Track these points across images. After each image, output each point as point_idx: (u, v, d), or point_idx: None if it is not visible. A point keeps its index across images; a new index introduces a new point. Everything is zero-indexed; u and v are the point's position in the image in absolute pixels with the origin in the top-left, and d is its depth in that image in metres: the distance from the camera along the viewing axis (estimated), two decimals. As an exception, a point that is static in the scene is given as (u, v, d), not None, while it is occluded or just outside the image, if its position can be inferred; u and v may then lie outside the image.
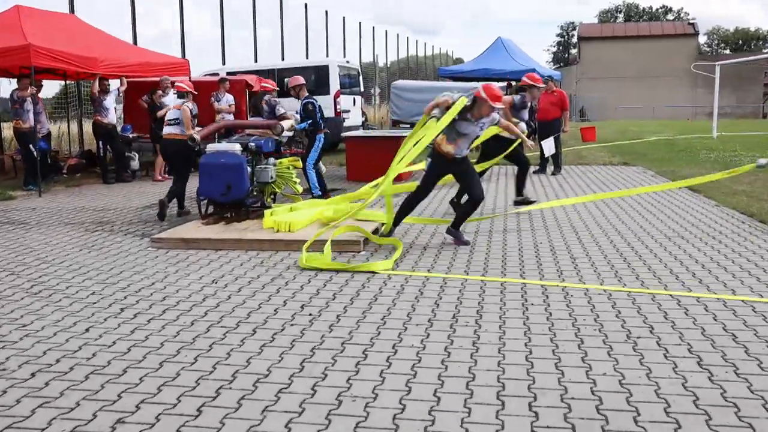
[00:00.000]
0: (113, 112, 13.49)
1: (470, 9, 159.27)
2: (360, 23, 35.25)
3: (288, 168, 8.90)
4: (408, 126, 21.21)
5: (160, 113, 13.87)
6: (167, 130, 9.20)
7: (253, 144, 8.43)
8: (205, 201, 8.45)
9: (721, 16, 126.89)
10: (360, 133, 13.42)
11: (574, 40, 77.62)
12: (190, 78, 15.60)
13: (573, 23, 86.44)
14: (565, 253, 6.70)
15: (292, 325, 4.64)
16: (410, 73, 43.97)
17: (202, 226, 7.89)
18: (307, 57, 25.70)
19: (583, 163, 16.24)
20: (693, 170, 13.84)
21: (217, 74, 16.89)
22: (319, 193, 10.10)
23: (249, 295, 5.40)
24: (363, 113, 19.79)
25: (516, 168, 10.20)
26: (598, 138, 22.41)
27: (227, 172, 8.16)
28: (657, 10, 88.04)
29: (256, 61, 23.22)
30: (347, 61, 19.01)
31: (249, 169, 8.38)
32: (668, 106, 52.51)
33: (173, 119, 9.12)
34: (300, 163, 9.11)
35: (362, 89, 19.71)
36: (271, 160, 8.87)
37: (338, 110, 17.80)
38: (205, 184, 8.28)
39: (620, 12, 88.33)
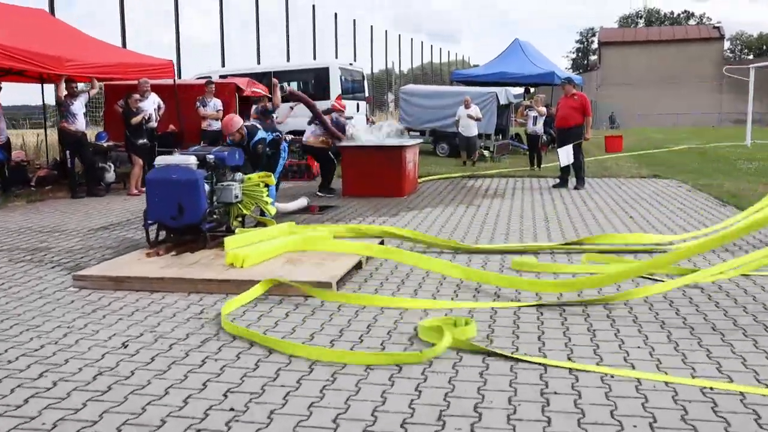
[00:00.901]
0: (82, 118, 12.07)
1: (489, 16, 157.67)
2: (372, 26, 33.86)
3: (258, 185, 7.40)
4: (418, 134, 19.79)
5: (134, 120, 12.48)
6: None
7: (212, 156, 6.94)
8: (155, 226, 6.97)
9: (745, 22, 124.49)
10: (357, 142, 11.88)
11: (594, 46, 75.80)
12: (175, 81, 14.24)
13: (593, 29, 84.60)
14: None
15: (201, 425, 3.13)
16: (426, 80, 42.54)
17: (144, 258, 6.40)
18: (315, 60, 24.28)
19: (608, 176, 14.63)
20: (737, 184, 12.19)
21: (210, 77, 15.45)
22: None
23: (160, 370, 3.88)
24: (369, 120, 18.29)
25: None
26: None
27: (179, 191, 6.68)
28: (679, 15, 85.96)
29: (258, 63, 21.85)
30: (350, 64, 17.54)
31: (207, 186, 6.89)
32: (693, 113, 50.62)
33: None
34: (272, 179, 7.60)
35: (367, 94, 18.22)
36: (238, 175, 7.38)
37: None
38: (152, 206, 6.81)
39: (641, 17, 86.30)
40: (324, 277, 5.52)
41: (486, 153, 18.63)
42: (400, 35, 38.51)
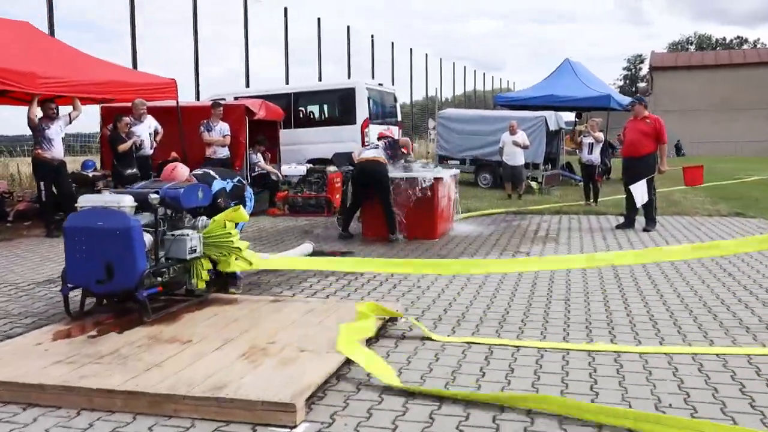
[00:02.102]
0: (60, 144, 10.35)
1: (533, 45, 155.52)
2: (411, 49, 32.09)
3: (223, 226, 5.45)
4: (457, 162, 17.74)
5: (121, 147, 10.73)
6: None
7: (156, 196, 5.00)
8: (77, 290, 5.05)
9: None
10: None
11: (642, 72, 73.00)
12: (177, 102, 12.49)
13: (641, 56, 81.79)
14: None
15: None
16: (469, 107, 40.59)
17: (47, 341, 4.46)
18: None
19: (680, 213, 12.38)
20: None
21: (224, 100, 13.66)
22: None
23: None
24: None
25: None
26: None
27: (106, 244, 4.76)
28: (731, 41, 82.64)
29: (287, 83, 20.14)
30: (380, 84, 15.60)
31: (149, 237, 4.96)
32: (753, 141, 47.58)
33: None
34: (242, 215, 5.55)
35: (399, 118, 16.25)
36: (201, 220, 5.46)
37: (366, 143, 14.31)
38: (72, 264, 4.90)
39: (691, 44, 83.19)
40: (286, 392, 3.48)
41: (533, 184, 16.48)
42: (441, 59, 36.68)
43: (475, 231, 10.17)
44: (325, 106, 15.47)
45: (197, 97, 16.66)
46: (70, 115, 10.59)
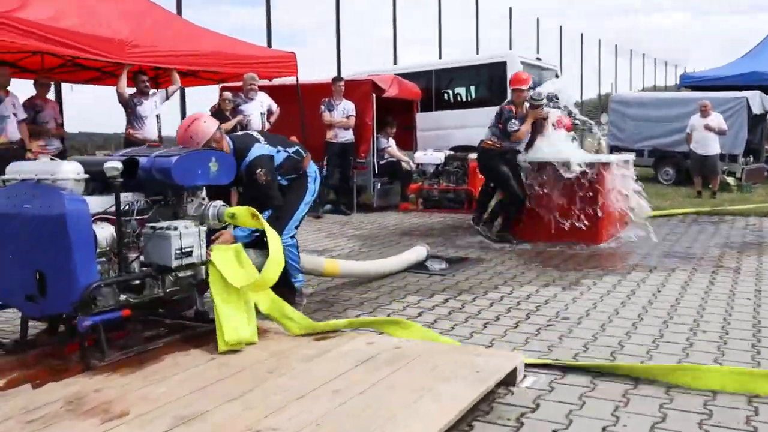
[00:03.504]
0: (154, 123, 8.98)
1: (722, 37, 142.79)
2: (582, 35, 28.97)
3: (252, 217, 3.51)
4: (633, 153, 14.80)
5: (223, 126, 9.16)
6: None
7: (113, 165, 3.10)
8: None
9: None
10: (528, 156, 7.55)
11: None
12: (297, 79, 10.84)
13: None
14: None
15: None
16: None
17: None
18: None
19: None
20: None
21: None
22: (301, 279, 4.49)
23: None
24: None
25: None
26: None
27: (35, 240, 2.96)
28: None
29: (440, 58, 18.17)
30: (537, 58, 13.12)
31: (105, 231, 3.10)
32: None
33: None
34: (257, 221, 3.52)
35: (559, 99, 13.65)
36: (213, 206, 3.54)
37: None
38: (-2, 271, 3.15)
39: None
40: None
41: (730, 180, 13.28)
42: (616, 46, 33.02)
43: (655, 235, 7.55)
44: (472, 85, 13.22)
45: (339, 75, 15.15)
46: (167, 90, 9.21)
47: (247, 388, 2.73)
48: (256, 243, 3.93)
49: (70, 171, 2.98)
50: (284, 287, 4.26)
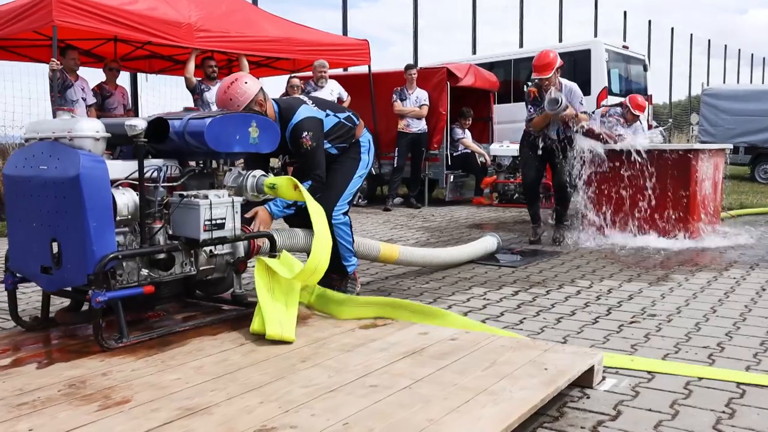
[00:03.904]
0: (221, 109, 8.78)
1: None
2: (672, 29, 27.56)
3: (294, 188, 3.15)
4: (731, 150, 13.74)
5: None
6: None
7: (137, 124, 2.79)
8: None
9: None
10: (610, 145, 6.97)
11: None
12: (370, 68, 10.52)
13: None
14: None
15: None
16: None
17: None
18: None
19: None
20: None
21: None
22: (354, 262, 4.06)
23: None
24: (650, 128, 12.90)
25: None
26: None
27: (50, 206, 2.67)
28: None
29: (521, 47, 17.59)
30: (624, 47, 12.33)
31: (128, 196, 2.78)
32: None
33: None
34: (300, 193, 3.12)
35: (648, 91, 12.81)
36: (252, 176, 3.20)
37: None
38: (14, 240, 2.89)
39: None
40: None
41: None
42: (709, 41, 31.28)
43: (752, 233, 6.81)
44: (552, 74, 12.54)
45: (415, 57, 14.86)
46: (235, 76, 9.00)
47: (272, 379, 2.34)
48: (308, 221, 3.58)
49: (89, 128, 2.67)
50: (334, 272, 3.90)
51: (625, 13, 24.49)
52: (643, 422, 2.23)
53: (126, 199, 2.75)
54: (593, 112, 7.99)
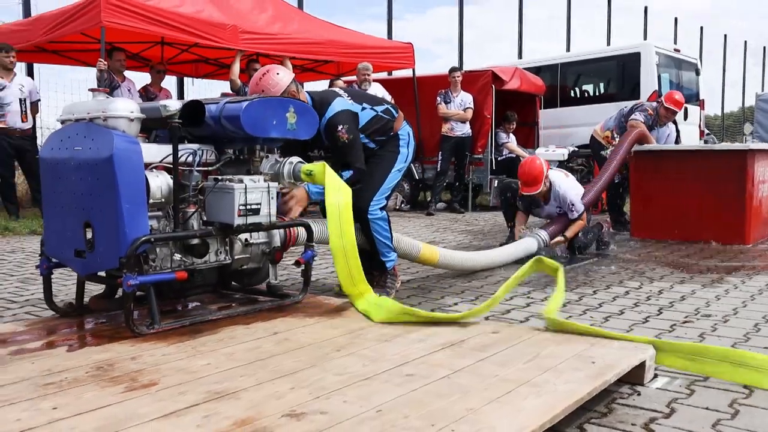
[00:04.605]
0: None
1: None
2: (725, 36, 26.88)
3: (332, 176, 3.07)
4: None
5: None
6: None
7: (171, 105, 2.74)
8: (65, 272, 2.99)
9: None
10: (658, 146, 6.80)
11: None
12: (414, 71, 10.48)
13: None
14: None
15: None
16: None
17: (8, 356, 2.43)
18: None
19: None
20: None
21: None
22: (393, 258, 3.92)
23: None
24: (702, 135, 12.55)
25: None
26: None
27: (84, 188, 2.64)
28: None
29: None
30: (676, 50, 12.01)
31: (161, 179, 2.73)
32: None
33: None
34: (333, 176, 3.03)
35: (700, 96, 12.43)
36: (289, 164, 3.12)
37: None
38: (50, 224, 2.86)
39: None
40: None
41: None
42: (765, 48, 30.41)
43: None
44: (601, 78, 12.27)
45: (460, 66, 14.77)
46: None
47: (304, 366, 2.25)
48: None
49: (123, 109, 2.62)
50: (373, 267, 3.80)
51: (675, 19, 23.99)
52: (698, 420, 2.07)
53: (159, 182, 2.70)
54: None
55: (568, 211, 5.37)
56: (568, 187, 5.48)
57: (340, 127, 3.43)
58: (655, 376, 2.47)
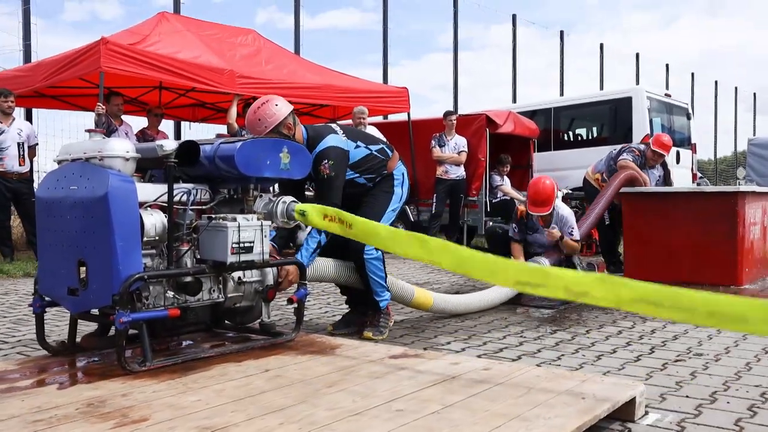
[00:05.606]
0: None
1: None
2: (716, 82, 27.28)
3: (323, 218, 3.08)
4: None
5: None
6: None
7: (167, 145, 2.79)
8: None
9: None
10: (651, 188, 6.88)
11: None
12: (409, 115, 10.63)
13: None
14: None
15: None
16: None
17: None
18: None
19: None
20: None
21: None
22: (387, 297, 3.93)
23: None
24: (695, 178, 12.67)
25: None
26: None
27: (78, 226, 2.66)
28: None
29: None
30: (667, 95, 12.18)
31: (156, 218, 2.76)
32: None
33: None
34: (329, 222, 3.05)
35: (692, 140, 12.59)
36: (282, 202, 3.17)
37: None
38: (44, 263, 2.88)
39: None
40: None
41: None
42: (755, 94, 30.86)
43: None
44: (594, 122, 12.43)
45: (455, 110, 15.01)
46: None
47: (294, 402, 2.25)
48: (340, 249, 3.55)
49: (118, 148, 2.67)
50: (367, 306, 3.82)
51: (667, 66, 24.41)
52: (689, 456, 2.08)
53: (154, 220, 2.73)
54: None
55: (566, 234, 5.39)
56: (569, 212, 5.56)
57: (325, 161, 3.47)
58: (646, 413, 2.47)
